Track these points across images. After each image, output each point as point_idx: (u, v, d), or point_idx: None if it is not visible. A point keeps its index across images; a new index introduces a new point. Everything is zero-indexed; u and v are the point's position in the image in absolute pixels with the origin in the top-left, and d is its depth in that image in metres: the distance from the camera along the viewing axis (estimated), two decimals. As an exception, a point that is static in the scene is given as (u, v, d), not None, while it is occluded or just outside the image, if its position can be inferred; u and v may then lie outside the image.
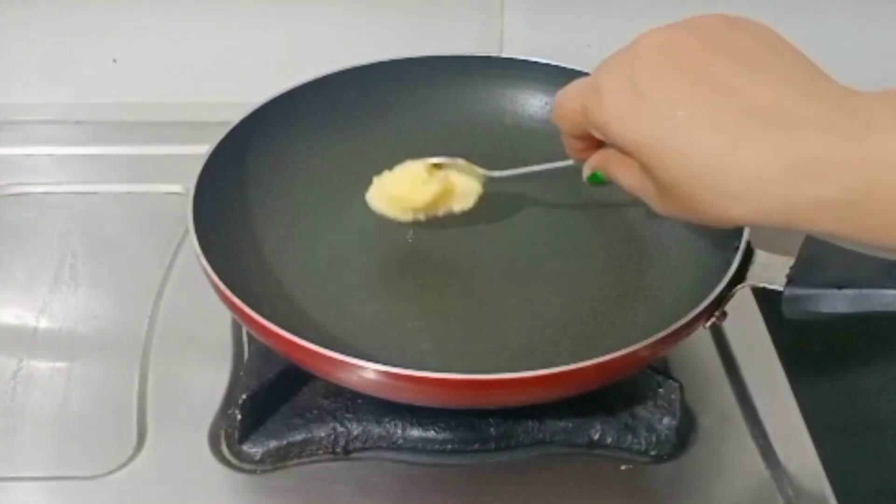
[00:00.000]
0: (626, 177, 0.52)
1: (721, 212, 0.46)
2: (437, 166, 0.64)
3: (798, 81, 0.45)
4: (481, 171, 0.65)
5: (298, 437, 0.60)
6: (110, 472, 0.59)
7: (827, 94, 0.44)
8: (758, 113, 0.44)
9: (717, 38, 0.47)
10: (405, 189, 0.64)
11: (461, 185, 0.65)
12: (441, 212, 0.65)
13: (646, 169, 0.48)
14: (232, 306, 0.57)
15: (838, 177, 0.42)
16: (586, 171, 0.57)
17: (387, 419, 0.60)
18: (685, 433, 0.61)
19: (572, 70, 0.74)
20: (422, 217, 0.65)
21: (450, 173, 0.65)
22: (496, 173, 0.66)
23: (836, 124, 0.43)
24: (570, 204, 0.71)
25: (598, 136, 0.51)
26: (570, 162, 0.59)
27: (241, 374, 0.63)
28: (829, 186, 0.42)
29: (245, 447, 0.60)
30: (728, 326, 0.66)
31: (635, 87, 0.47)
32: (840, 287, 0.54)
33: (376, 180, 0.65)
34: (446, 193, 0.65)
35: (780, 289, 0.56)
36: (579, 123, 0.52)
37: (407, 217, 0.65)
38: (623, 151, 0.49)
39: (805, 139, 0.43)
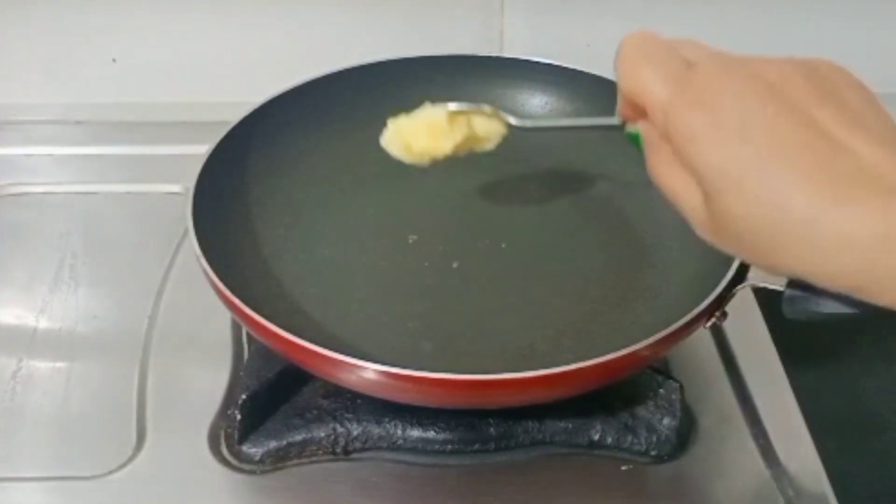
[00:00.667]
0: (681, 192, 0.47)
1: (785, 263, 0.43)
2: (458, 112, 0.60)
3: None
4: (508, 118, 0.60)
5: (298, 437, 0.60)
6: (110, 472, 0.59)
7: None
8: (860, 171, 0.42)
9: (823, 83, 0.44)
10: (424, 140, 0.60)
11: (483, 129, 0.60)
12: (462, 154, 0.61)
13: (710, 199, 0.45)
14: (232, 307, 0.57)
15: None
16: (632, 130, 0.50)
17: (387, 419, 0.60)
18: (685, 433, 0.61)
19: (572, 70, 0.74)
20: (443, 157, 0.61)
21: (471, 118, 0.60)
22: (526, 122, 0.61)
23: None
24: (571, 204, 0.71)
25: (666, 136, 0.46)
26: (611, 120, 0.53)
27: (241, 374, 0.63)
28: None
29: (245, 447, 0.60)
30: (728, 326, 0.66)
31: (740, 116, 0.43)
32: (840, 287, 0.54)
33: (392, 124, 0.61)
34: (468, 139, 0.60)
35: (780, 289, 0.55)
36: (652, 109, 0.47)
37: (424, 163, 0.61)
38: (694, 173, 0.45)
39: None
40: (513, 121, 0.60)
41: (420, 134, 0.61)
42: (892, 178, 0.41)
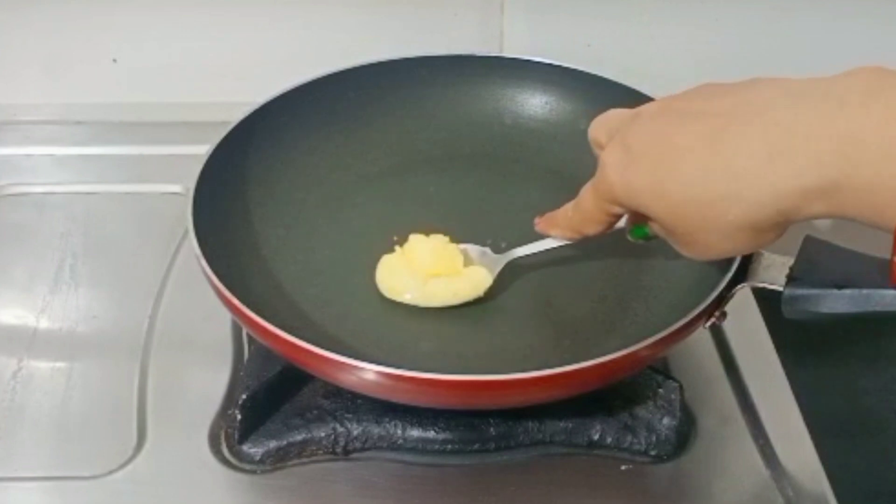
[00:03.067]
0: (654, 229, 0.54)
1: (720, 222, 0.47)
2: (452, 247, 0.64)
3: (758, 86, 0.47)
4: (498, 261, 0.64)
5: (298, 437, 0.60)
6: (110, 472, 0.59)
7: (798, 84, 0.46)
8: (727, 119, 0.46)
9: (697, 87, 0.50)
10: (429, 258, 0.63)
11: (471, 273, 0.63)
12: (446, 297, 0.63)
13: (655, 220, 0.51)
14: (231, 308, 0.57)
15: (814, 154, 0.43)
16: (628, 226, 0.57)
17: (387, 419, 0.60)
18: (685, 433, 0.61)
19: (572, 70, 0.74)
20: (426, 303, 0.63)
21: (465, 257, 0.64)
22: (511, 254, 0.64)
23: (807, 104, 0.44)
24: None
25: (618, 210, 0.53)
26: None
27: (241, 374, 0.63)
28: (807, 167, 0.43)
29: (245, 447, 0.60)
30: (728, 326, 0.66)
31: (629, 150, 0.50)
32: (840, 287, 0.54)
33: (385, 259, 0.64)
34: (453, 278, 0.63)
35: (780, 289, 0.56)
36: (599, 213, 0.54)
37: (409, 297, 0.63)
38: (638, 213, 0.52)
39: (777, 122, 0.44)
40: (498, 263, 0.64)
41: (423, 251, 0.63)
42: (762, 104, 0.45)
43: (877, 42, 0.85)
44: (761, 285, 0.57)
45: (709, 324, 0.57)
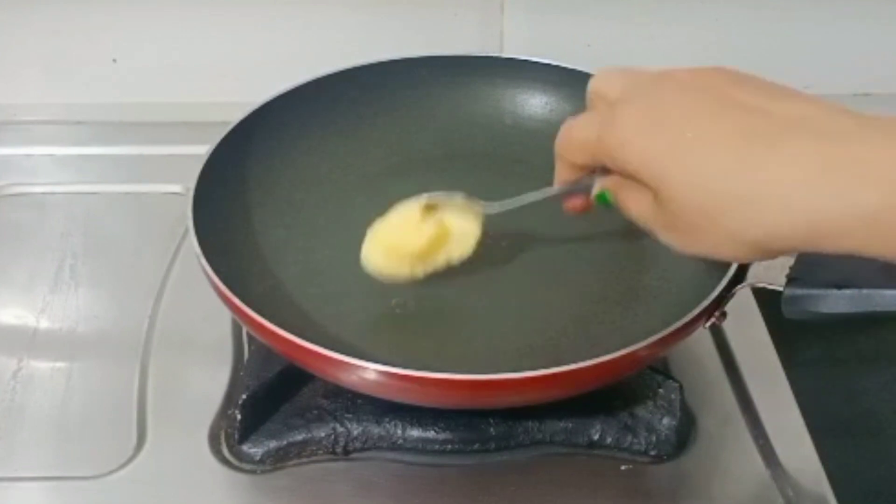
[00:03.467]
0: (636, 205, 0.50)
1: (735, 232, 0.44)
2: (431, 207, 0.61)
3: (822, 103, 0.44)
4: (479, 205, 0.62)
5: (298, 437, 0.60)
6: (110, 472, 0.59)
7: (854, 113, 0.43)
8: (784, 123, 0.43)
9: (739, 75, 0.47)
10: (398, 235, 0.61)
11: (457, 229, 0.62)
12: (439, 262, 0.62)
13: (657, 193, 0.47)
14: (232, 307, 0.57)
15: (878, 178, 0.40)
16: (596, 190, 0.54)
17: (387, 419, 0.60)
18: (685, 433, 0.61)
19: (572, 70, 0.74)
20: (420, 273, 0.61)
21: (445, 216, 0.62)
22: (494, 207, 0.62)
23: (870, 133, 0.41)
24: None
25: (609, 164, 0.50)
26: (578, 187, 0.57)
27: (241, 374, 0.63)
28: (868, 189, 0.40)
29: (245, 447, 0.60)
30: (728, 326, 0.66)
31: (656, 106, 0.46)
32: (840, 287, 0.54)
33: (370, 232, 0.62)
34: (442, 238, 0.62)
35: (780, 289, 0.56)
36: (590, 152, 0.51)
37: (404, 271, 0.61)
38: (636, 178, 0.48)
39: (839, 143, 0.41)
40: (483, 208, 0.62)
41: (393, 229, 0.61)
42: (819, 123, 0.43)
43: (877, 42, 0.85)
44: (761, 285, 0.57)
45: (709, 324, 0.57)
